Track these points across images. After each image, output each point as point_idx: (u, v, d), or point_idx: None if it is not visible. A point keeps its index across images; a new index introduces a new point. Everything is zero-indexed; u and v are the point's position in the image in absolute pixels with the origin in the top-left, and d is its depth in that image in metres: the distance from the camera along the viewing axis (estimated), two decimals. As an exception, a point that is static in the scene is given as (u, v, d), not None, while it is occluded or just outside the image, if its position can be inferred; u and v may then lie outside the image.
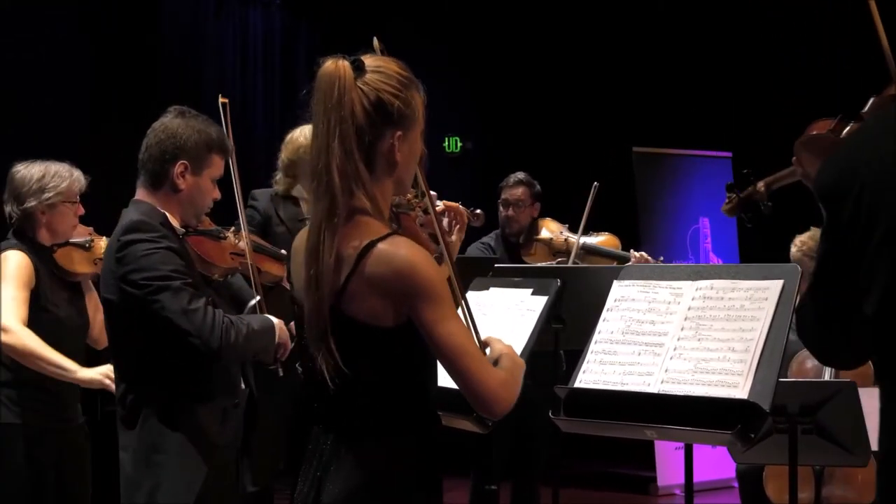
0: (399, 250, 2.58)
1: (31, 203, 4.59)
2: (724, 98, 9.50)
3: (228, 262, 4.08)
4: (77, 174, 4.71)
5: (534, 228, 6.95)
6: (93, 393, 5.02)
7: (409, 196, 3.23)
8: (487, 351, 2.78)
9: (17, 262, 4.54)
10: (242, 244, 4.17)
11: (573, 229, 6.87)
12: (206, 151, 3.82)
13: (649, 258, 6.74)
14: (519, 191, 6.92)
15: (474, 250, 6.83)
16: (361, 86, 2.63)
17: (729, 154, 9.34)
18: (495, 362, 2.73)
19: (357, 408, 2.67)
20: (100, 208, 4.86)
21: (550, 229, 6.95)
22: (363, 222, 2.62)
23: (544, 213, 6.98)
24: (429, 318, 2.57)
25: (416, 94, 2.74)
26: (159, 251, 3.61)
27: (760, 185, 4.31)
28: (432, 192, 3.20)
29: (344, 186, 2.59)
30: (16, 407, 4.53)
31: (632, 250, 6.80)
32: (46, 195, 4.60)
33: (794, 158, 3.79)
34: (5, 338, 4.41)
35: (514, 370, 2.73)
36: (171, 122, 3.84)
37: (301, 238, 2.77)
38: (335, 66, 2.63)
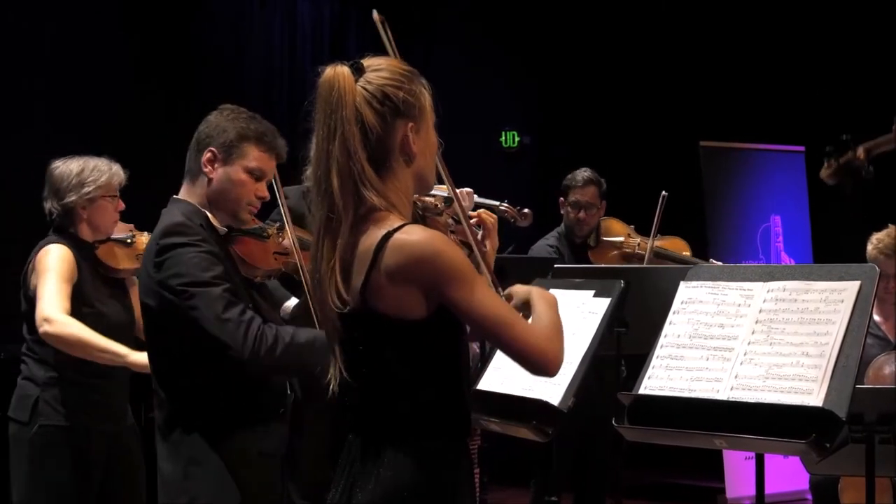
0: (412, 236, 2.66)
1: (71, 198, 4.72)
2: (797, 89, 9.44)
3: (272, 263, 4.09)
4: (116, 168, 4.81)
5: (600, 229, 6.88)
6: (136, 398, 5.08)
7: (436, 201, 3.30)
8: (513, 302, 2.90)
9: (58, 255, 4.65)
10: (286, 242, 4.18)
11: (640, 231, 6.80)
12: (238, 140, 3.80)
13: None
14: (590, 191, 6.79)
15: (541, 251, 6.75)
16: (364, 85, 2.73)
17: (802, 148, 9.27)
18: (524, 306, 2.87)
19: (384, 410, 2.75)
20: (140, 203, 4.92)
21: (618, 231, 6.87)
22: (380, 217, 2.71)
23: (607, 211, 6.94)
24: (459, 298, 2.66)
25: (420, 86, 2.82)
26: (199, 255, 3.61)
27: (860, 150, 4.26)
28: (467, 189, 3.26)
29: (345, 189, 2.69)
30: (61, 407, 4.63)
31: (711, 260, 6.72)
32: (86, 189, 4.73)
33: (894, 126, 3.76)
34: (49, 328, 4.49)
35: (550, 313, 2.83)
36: (212, 116, 3.87)
37: None
38: (334, 71, 2.76)
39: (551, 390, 3.73)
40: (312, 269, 2.77)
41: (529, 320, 2.83)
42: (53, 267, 4.61)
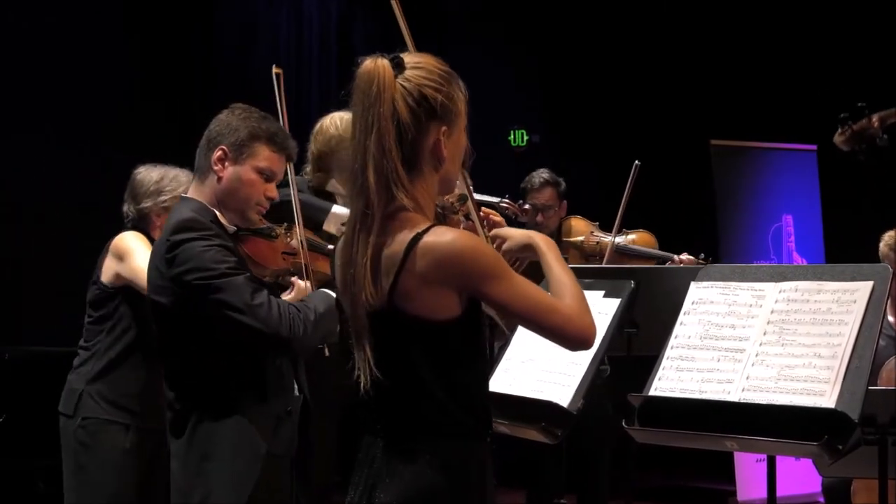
0: (441, 238, 2.67)
1: (147, 204, 4.85)
2: (808, 87, 9.42)
3: (280, 263, 4.11)
4: None
5: (561, 230, 6.84)
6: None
7: (452, 199, 3.33)
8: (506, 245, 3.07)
9: (133, 235, 4.80)
10: (294, 242, 4.19)
11: (604, 228, 6.76)
12: (249, 139, 3.83)
13: (694, 260, 6.59)
14: (547, 193, 6.79)
15: None
16: (402, 82, 2.72)
17: (814, 147, 9.25)
18: (524, 249, 3.02)
19: (406, 411, 2.75)
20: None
21: (580, 230, 6.82)
22: (406, 218, 2.71)
23: (613, 211, 6.91)
24: (497, 293, 2.69)
25: (457, 89, 2.83)
26: (212, 248, 3.64)
27: (875, 118, 4.24)
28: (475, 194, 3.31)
29: (380, 186, 2.68)
30: (104, 402, 4.72)
31: (685, 254, 6.67)
32: (162, 198, 4.86)
33: None
34: None
35: (567, 276, 2.88)
36: (224, 115, 3.89)
37: (342, 241, 2.85)
38: (374, 64, 2.72)
39: (560, 392, 3.74)
40: (346, 263, 2.75)
41: (549, 294, 2.83)
42: (135, 244, 4.73)
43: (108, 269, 4.76)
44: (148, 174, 4.91)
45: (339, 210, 5.01)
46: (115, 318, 4.77)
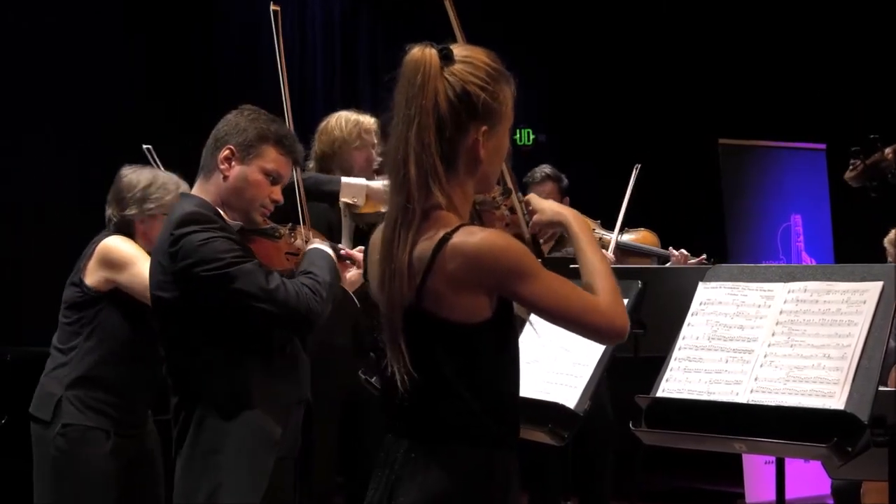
0: (470, 238, 2.63)
1: (132, 211, 4.71)
2: (817, 85, 9.42)
3: (284, 263, 4.11)
4: (184, 187, 4.78)
5: None
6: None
7: (494, 193, 3.31)
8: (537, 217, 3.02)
9: (128, 242, 4.67)
10: (299, 242, 4.20)
11: (606, 226, 6.77)
12: (257, 140, 3.85)
13: (689, 256, 6.61)
14: (547, 187, 6.79)
15: None
16: (448, 76, 2.68)
17: (823, 146, 9.25)
18: (552, 225, 2.97)
19: (433, 413, 2.71)
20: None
21: None
22: (439, 217, 2.67)
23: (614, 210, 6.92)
24: (528, 293, 2.66)
25: (505, 87, 2.78)
26: (216, 238, 3.65)
27: (888, 151, 4.21)
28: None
29: (420, 181, 2.65)
30: (84, 407, 4.63)
31: (671, 248, 6.68)
32: (148, 205, 4.73)
33: None
34: None
35: (602, 263, 2.81)
36: (232, 115, 3.91)
37: (378, 234, 2.82)
38: (421, 53, 2.68)
39: (567, 393, 3.74)
40: (386, 258, 2.70)
41: (581, 289, 2.77)
42: (133, 251, 4.61)
43: (96, 274, 4.64)
44: (135, 178, 4.77)
45: (349, 180, 5.05)
46: (96, 323, 4.65)
